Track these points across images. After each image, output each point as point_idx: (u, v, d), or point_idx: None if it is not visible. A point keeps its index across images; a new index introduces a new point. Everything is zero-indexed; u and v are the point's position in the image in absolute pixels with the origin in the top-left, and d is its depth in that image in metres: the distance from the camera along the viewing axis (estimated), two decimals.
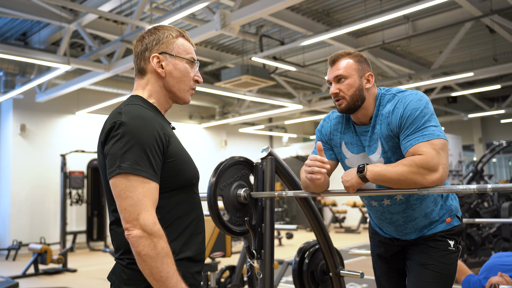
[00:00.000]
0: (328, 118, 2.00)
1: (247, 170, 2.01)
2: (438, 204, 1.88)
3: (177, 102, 1.53)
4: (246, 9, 5.77)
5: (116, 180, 1.25)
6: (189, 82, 1.50)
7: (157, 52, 1.44)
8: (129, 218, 1.23)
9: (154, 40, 1.45)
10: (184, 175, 1.38)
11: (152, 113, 1.36)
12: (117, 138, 1.26)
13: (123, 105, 1.36)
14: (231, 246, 3.41)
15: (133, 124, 1.28)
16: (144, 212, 1.23)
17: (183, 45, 1.49)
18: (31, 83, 8.13)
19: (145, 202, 1.24)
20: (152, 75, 1.45)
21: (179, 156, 1.38)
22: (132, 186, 1.24)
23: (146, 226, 1.22)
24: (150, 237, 1.22)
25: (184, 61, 1.48)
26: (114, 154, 1.26)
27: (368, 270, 2.74)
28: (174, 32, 1.48)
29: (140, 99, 1.42)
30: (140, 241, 1.21)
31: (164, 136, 1.33)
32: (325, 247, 2.35)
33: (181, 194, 1.38)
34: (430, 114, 1.69)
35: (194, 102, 11.82)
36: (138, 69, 1.47)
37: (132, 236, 1.22)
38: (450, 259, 1.85)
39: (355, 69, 1.81)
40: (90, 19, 7.18)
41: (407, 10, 5.92)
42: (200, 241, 1.43)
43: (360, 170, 1.62)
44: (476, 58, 10.19)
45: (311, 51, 9.80)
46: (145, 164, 1.26)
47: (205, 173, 11.96)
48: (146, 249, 1.21)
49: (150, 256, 1.21)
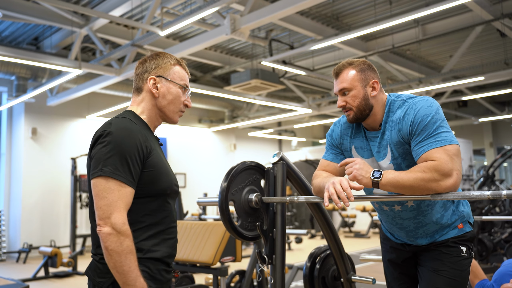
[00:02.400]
0: (339, 123, 2.00)
1: (258, 175, 2.01)
2: (449, 210, 1.87)
3: (166, 121, 1.69)
4: (256, 14, 5.79)
5: (97, 181, 1.43)
6: (179, 105, 1.67)
7: (154, 75, 1.63)
8: (102, 216, 1.40)
9: (154, 64, 1.64)
10: (159, 185, 1.53)
11: (138, 127, 1.53)
12: (103, 145, 1.45)
13: (114, 117, 1.55)
14: (241, 250, 3.41)
15: (119, 134, 1.46)
16: (116, 213, 1.40)
17: (179, 72, 1.66)
18: (42, 87, 8.21)
19: (119, 204, 1.42)
20: (147, 94, 1.63)
21: (157, 167, 1.53)
22: (109, 188, 1.42)
23: (116, 225, 1.39)
24: (118, 235, 1.39)
25: (178, 86, 1.65)
26: (99, 158, 1.44)
27: (379, 276, 2.72)
28: (173, 60, 1.67)
29: (132, 114, 1.60)
30: (109, 237, 1.39)
31: (145, 148, 1.50)
32: (336, 252, 2.34)
33: (154, 201, 1.53)
34: (442, 120, 1.68)
35: (203, 106, 11.86)
36: (136, 87, 1.66)
37: (103, 232, 1.39)
38: (463, 265, 1.83)
39: (358, 80, 1.81)
40: (101, 23, 7.24)
41: (417, 14, 5.90)
42: (170, 246, 1.57)
43: (376, 176, 1.61)
44: (487, 62, 10.12)
45: (320, 55, 9.79)
46: (124, 171, 1.43)
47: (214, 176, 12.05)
48: (113, 245, 1.38)
49: (115, 252, 1.39)
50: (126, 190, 1.44)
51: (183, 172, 12.54)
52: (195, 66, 10.71)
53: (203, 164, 12.99)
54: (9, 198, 9.88)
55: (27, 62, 7.18)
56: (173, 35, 8.54)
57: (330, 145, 2.00)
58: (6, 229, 9.64)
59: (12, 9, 6.64)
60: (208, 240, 3.25)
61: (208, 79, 11.31)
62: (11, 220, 9.73)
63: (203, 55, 9.47)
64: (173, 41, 8.71)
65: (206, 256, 3.16)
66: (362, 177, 1.64)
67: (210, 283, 4.52)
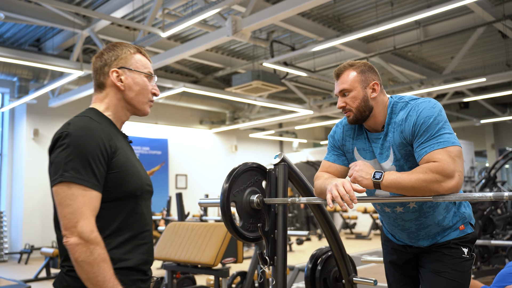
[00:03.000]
0: (341, 124, 2.00)
1: (260, 176, 2.01)
2: (451, 211, 1.87)
3: (136, 114, 1.59)
4: (257, 15, 5.80)
5: (58, 188, 1.31)
6: (147, 94, 1.57)
7: (116, 67, 1.51)
8: (67, 225, 1.29)
9: (113, 56, 1.52)
10: (128, 187, 1.41)
11: (99, 125, 1.41)
12: (62, 148, 1.33)
13: (74, 117, 1.43)
14: (243, 251, 3.41)
15: (78, 134, 1.34)
16: (82, 220, 1.29)
17: (141, 60, 1.56)
18: (44, 89, 8.23)
19: (84, 210, 1.30)
20: (111, 89, 1.52)
21: (124, 167, 1.41)
22: (73, 195, 1.30)
23: (83, 233, 1.28)
24: (87, 244, 1.27)
25: (143, 75, 1.55)
26: (58, 163, 1.32)
27: (381, 277, 2.72)
28: (132, 49, 1.56)
29: (94, 112, 1.48)
30: (77, 248, 1.27)
31: (109, 147, 1.38)
32: (337, 254, 2.34)
33: (124, 205, 1.42)
34: (444, 122, 1.68)
35: (204, 107, 11.88)
36: (97, 83, 1.53)
37: (70, 243, 1.28)
38: (464, 266, 1.83)
39: (358, 81, 1.82)
40: (102, 25, 7.26)
41: (418, 16, 5.90)
42: (145, 252, 1.45)
43: (377, 177, 1.62)
44: (489, 63, 10.11)
45: (321, 57, 9.80)
46: (87, 174, 1.32)
47: (216, 178, 12.03)
48: (82, 255, 1.27)
49: (86, 262, 1.27)
50: (92, 195, 1.32)
51: (184, 173, 12.54)
52: (197, 68, 10.72)
53: (204, 165, 13.00)
54: (11, 199, 9.90)
55: (29, 64, 7.19)
56: (175, 37, 8.55)
57: (332, 146, 2.01)
58: (8, 230, 9.65)
59: (14, 11, 6.66)
60: (209, 241, 3.25)
61: (209, 81, 11.32)
62: (13, 221, 9.75)
63: (204, 57, 9.48)
64: (175, 42, 8.72)
65: (208, 257, 3.16)
66: (362, 178, 1.64)
67: (212, 284, 4.52)
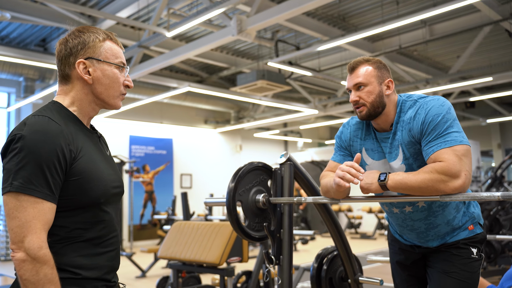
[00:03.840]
0: (348, 124, 1.98)
1: (265, 175, 2.00)
2: (461, 211, 1.85)
3: (106, 108, 1.43)
4: (262, 15, 5.79)
5: (7, 198, 1.18)
6: (118, 88, 1.41)
7: (83, 57, 1.34)
8: (14, 240, 1.17)
9: (79, 44, 1.34)
10: (90, 194, 1.29)
11: (59, 127, 1.25)
12: (14, 153, 1.19)
13: (31, 115, 1.27)
14: (248, 251, 3.41)
15: (33, 138, 1.19)
16: (30, 235, 1.17)
17: (111, 49, 1.40)
18: (50, 88, 8.26)
19: (33, 224, 1.17)
20: (78, 82, 1.36)
21: (86, 173, 1.28)
22: (21, 206, 1.17)
23: (30, 250, 1.16)
24: (33, 262, 1.16)
25: (113, 66, 1.39)
26: (9, 170, 1.19)
27: (386, 277, 2.71)
28: (101, 35, 1.39)
29: (56, 107, 1.33)
30: (22, 264, 1.16)
31: (69, 152, 1.25)
32: (343, 253, 2.33)
33: (86, 213, 1.30)
34: (452, 120, 1.67)
35: (209, 107, 11.89)
36: (62, 75, 1.37)
37: (16, 259, 1.17)
38: (473, 267, 1.81)
39: (374, 76, 1.80)
40: (108, 25, 7.27)
41: (424, 15, 5.87)
42: (110, 259, 1.35)
43: (382, 178, 1.62)
44: (495, 62, 10.05)
45: (326, 56, 9.78)
46: (39, 183, 1.18)
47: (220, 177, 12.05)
48: (27, 274, 1.16)
49: (30, 282, 1.16)
50: (44, 206, 1.18)
51: (189, 173, 12.56)
52: (201, 67, 10.73)
53: (209, 165, 13.01)
54: None
55: (35, 64, 7.23)
56: (180, 36, 8.56)
57: (338, 146, 1.99)
58: None
59: (20, 11, 6.69)
60: (215, 241, 3.25)
61: (214, 80, 11.33)
62: None
63: (209, 56, 9.48)
64: (180, 42, 8.73)
65: (213, 257, 3.16)
66: (369, 184, 1.64)
67: (217, 283, 4.52)
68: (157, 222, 10.90)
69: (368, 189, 1.65)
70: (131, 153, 11.36)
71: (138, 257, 8.39)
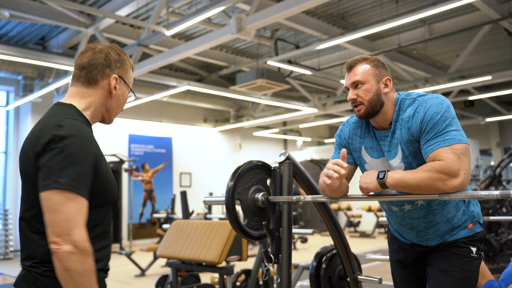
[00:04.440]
0: (347, 123, 1.98)
1: (264, 174, 2.00)
2: (460, 210, 1.85)
3: (103, 122, 1.57)
4: (261, 13, 5.79)
5: (50, 194, 1.26)
6: (121, 109, 1.58)
7: (117, 74, 1.49)
8: (60, 232, 1.24)
9: (119, 62, 1.50)
10: (109, 193, 1.41)
11: (90, 131, 1.40)
12: (56, 152, 1.27)
13: (62, 117, 1.35)
14: (247, 249, 3.41)
15: (74, 141, 1.29)
16: (77, 228, 1.25)
17: (131, 77, 1.58)
18: (49, 87, 8.25)
19: (78, 218, 1.27)
20: (102, 91, 1.48)
21: (106, 175, 1.40)
22: (66, 202, 1.26)
23: (78, 242, 1.24)
24: (81, 254, 1.24)
25: (129, 91, 1.56)
26: (51, 168, 1.27)
27: (385, 276, 2.72)
28: (130, 63, 1.57)
29: (78, 112, 1.42)
30: (70, 256, 1.23)
31: (98, 154, 1.37)
32: (342, 252, 2.34)
33: (101, 210, 1.41)
34: (452, 118, 1.66)
35: (208, 105, 11.89)
36: (88, 78, 1.46)
37: (62, 251, 1.23)
38: (472, 266, 1.81)
39: (372, 74, 1.79)
40: (107, 23, 7.27)
41: (423, 14, 5.87)
42: (108, 253, 1.48)
43: (381, 176, 1.62)
44: (494, 61, 10.05)
45: (326, 55, 9.78)
46: (81, 182, 1.29)
47: (220, 176, 12.04)
48: (75, 265, 1.23)
49: (77, 273, 1.24)
50: (84, 203, 1.30)
51: (189, 171, 12.56)
52: (201, 66, 10.73)
53: (209, 163, 13.01)
54: (16, 196, 9.94)
55: (34, 62, 7.22)
56: (179, 35, 8.56)
57: (338, 145, 1.99)
58: (13, 228, 9.69)
59: (19, 9, 6.68)
60: (214, 239, 3.25)
61: (213, 79, 11.32)
62: (18, 218, 9.78)
63: (208, 55, 9.48)
64: (179, 40, 8.72)
65: (212, 255, 3.16)
66: (368, 184, 1.65)
67: (216, 282, 4.52)
68: (156, 221, 10.92)
69: (367, 188, 1.65)
70: (131, 151, 11.36)
71: (138, 255, 8.40)
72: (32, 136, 1.35)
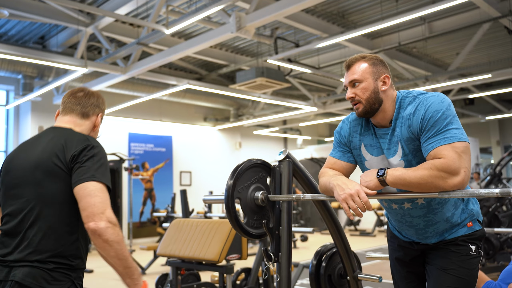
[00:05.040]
0: (347, 120, 1.98)
1: (264, 172, 2.00)
2: (459, 208, 1.85)
3: None
4: (261, 12, 5.78)
5: (89, 184, 1.64)
6: None
7: (102, 113, 1.96)
8: (96, 212, 1.59)
9: (102, 105, 1.98)
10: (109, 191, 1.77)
11: None
12: (90, 156, 1.70)
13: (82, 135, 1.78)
14: (247, 248, 3.41)
15: (101, 149, 1.76)
16: (108, 209, 1.63)
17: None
18: (49, 86, 8.25)
19: (108, 202, 1.66)
20: (90, 124, 1.92)
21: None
22: (101, 189, 1.66)
23: (111, 218, 1.61)
24: (114, 227, 1.60)
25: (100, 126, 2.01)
26: (89, 167, 1.67)
27: (385, 274, 2.72)
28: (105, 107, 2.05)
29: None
30: (108, 230, 1.58)
31: None
32: (342, 250, 2.33)
33: None
34: (452, 117, 1.66)
35: (208, 104, 11.88)
36: (83, 112, 1.90)
37: (101, 227, 1.58)
38: (472, 264, 1.81)
39: (369, 72, 1.80)
40: (106, 22, 7.26)
41: (423, 12, 5.87)
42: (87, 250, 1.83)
43: (380, 174, 1.62)
44: (494, 59, 10.05)
45: (326, 53, 9.77)
46: (108, 178, 1.71)
47: (220, 175, 12.02)
48: (113, 236, 1.59)
49: (116, 241, 1.59)
50: (108, 193, 1.69)
51: (189, 170, 12.56)
52: (200, 65, 10.72)
53: (209, 162, 13.01)
54: None
55: (34, 61, 7.21)
56: (179, 34, 8.55)
57: (338, 142, 1.99)
58: None
59: (19, 8, 6.67)
60: (214, 238, 3.25)
61: (213, 78, 11.31)
62: None
63: (208, 54, 9.47)
64: (178, 39, 8.72)
65: (212, 254, 3.16)
66: (368, 182, 1.65)
67: (216, 280, 4.52)
68: (156, 220, 10.92)
69: (367, 186, 1.65)
70: (130, 150, 11.36)
71: (138, 254, 8.40)
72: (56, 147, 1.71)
